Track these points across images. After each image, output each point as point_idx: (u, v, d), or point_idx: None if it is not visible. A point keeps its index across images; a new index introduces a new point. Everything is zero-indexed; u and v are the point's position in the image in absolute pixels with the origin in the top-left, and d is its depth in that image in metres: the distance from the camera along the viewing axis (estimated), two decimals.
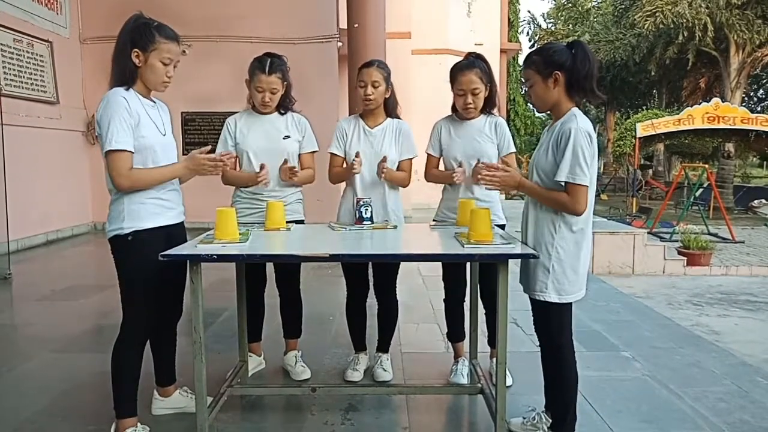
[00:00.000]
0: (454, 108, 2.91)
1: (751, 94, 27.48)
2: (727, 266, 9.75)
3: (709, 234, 12.14)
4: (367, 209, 2.70)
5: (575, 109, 2.17)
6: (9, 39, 6.77)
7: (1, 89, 6.44)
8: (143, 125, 2.21)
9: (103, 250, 3.23)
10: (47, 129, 7.44)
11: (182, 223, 2.44)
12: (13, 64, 6.84)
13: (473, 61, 2.77)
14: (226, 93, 7.50)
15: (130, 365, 2.28)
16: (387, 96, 2.90)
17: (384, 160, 2.78)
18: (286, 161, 2.83)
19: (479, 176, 2.31)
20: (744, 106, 20.17)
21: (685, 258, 9.50)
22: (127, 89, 2.21)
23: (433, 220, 2.98)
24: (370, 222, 2.69)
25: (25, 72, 7.08)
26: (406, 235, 2.66)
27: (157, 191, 2.26)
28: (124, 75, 2.21)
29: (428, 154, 2.97)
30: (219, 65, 7.87)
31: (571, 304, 2.22)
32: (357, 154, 2.80)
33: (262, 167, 2.74)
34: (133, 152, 2.16)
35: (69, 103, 7.94)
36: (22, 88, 7.00)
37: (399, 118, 2.99)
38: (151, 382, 2.56)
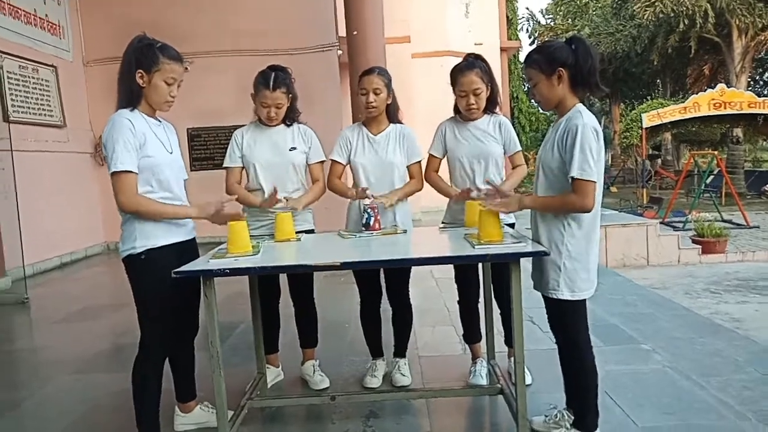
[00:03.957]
0: (456, 109, 2.91)
1: (757, 78, 27.24)
2: (743, 252, 9.65)
3: (723, 221, 12.04)
4: (368, 215, 2.68)
5: (579, 105, 2.17)
6: (14, 66, 6.86)
7: (9, 116, 6.52)
8: (150, 144, 2.22)
9: (116, 269, 3.26)
10: (56, 152, 7.52)
11: (194, 239, 2.46)
12: (20, 91, 6.93)
13: (473, 62, 2.78)
14: (231, 107, 7.54)
15: (151, 383, 2.29)
16: (389, 102, 2.90)
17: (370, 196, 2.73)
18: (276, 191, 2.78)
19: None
20: (750, 90, 20.04)
21: (700, 246, 9.42)
22: (132, 110, 2.24)
23: (442, 223, 2.98)
24: (366, 228, 2.67)
25: (32, 97, 7.16)
26: (416, 239, 2.66)
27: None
28: (130, 95, 2.23)
29: (430, 155, 2.96)
30: (222, 80, 7.92)
31: (584, 300, 2.21)
32: (374, 196, 2.76)
33: (275, 191, 2.73)
34: (137, 173, 2.18)
35: (76, 125, 8.02)
36: (30, 113, 7.08)
37: (401, 122, 3.00)
38: (172, 399, 2.57)
